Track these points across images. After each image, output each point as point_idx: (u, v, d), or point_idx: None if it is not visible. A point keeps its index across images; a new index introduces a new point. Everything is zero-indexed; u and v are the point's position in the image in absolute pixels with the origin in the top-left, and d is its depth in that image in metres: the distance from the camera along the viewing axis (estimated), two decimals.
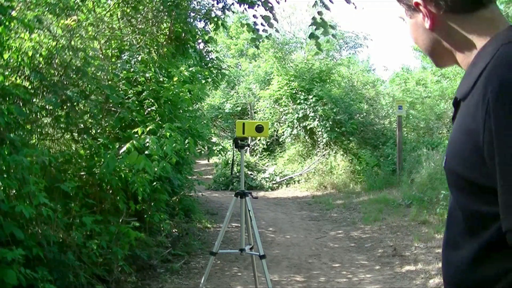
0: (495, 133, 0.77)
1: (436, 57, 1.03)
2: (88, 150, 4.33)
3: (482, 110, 0.80)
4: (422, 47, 1.03)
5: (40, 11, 4.07)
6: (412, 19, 1.01)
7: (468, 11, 0.92)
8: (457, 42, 0.95)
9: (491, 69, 0.82)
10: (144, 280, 4.29)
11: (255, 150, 14.07)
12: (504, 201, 0.77)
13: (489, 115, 0.78)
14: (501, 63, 0.81)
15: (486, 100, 0.79)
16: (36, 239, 3.19)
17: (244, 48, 24.01)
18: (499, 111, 0.77)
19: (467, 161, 0.85)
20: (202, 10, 6.82)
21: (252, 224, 3.56)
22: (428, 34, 0.98)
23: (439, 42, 0.98)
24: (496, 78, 0.79)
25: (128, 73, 4.88)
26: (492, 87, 0.79)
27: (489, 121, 0.78)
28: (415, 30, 1.01)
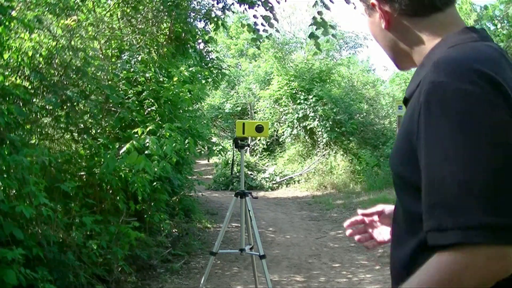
0: (422, 134, 0.79)
1: (396, 57, 1.04)
2: (88, 150, 4.33)
3: (416, 111, 0.82)
4: (381, 45, 1.04)
5: (40, 11, 4.07)
6: (370, 18, 1.02)
7: (422, 15, 0.94)
8: (412, 44, 0.97)
9: (428, 72, 0.83)
10: (144, 280, 4.29)
11: (255, 150, 14.08)
12: (424, 202, 0.78)
13: (420, 117, 0.80)
14: (435, 66, 0.82)
15: (419, 104, 0.81)
16: (36, 239, 3.19)
17: (244, 48, 24.01)
18: (425, 113, 0.79)
19: (405, 161, 0.86)
20: (202, 10, 6.82)
21: (252, 224, 3.56)
22: (385, 33, 1.00)
23: (395, 43, 1.00)
24: (428, 80, 0.81)
25: (128, 73, 4.88)
26: (424, 89, 0.81)
27: (420, 122, 0.80)
28: (374, 28, 1.03)
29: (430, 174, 0.77)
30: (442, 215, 0.75)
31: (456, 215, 0.73)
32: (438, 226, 0.75)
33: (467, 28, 0.93)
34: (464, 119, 0.75)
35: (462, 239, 0.73)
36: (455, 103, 0.76)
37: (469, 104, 0.76)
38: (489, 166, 0.74)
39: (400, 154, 0.89)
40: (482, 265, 0.73)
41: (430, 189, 0.77)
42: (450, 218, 0.74)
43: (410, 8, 0.94)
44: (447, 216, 0.74)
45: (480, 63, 0.80)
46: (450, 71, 0.79)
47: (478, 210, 0.72)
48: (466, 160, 0.74)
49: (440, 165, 0.76)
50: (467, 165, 0.74)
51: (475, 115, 0.75)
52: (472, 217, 0.72)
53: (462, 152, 0.75)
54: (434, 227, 0.76)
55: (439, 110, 0.77)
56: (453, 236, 0.73)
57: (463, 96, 0.76)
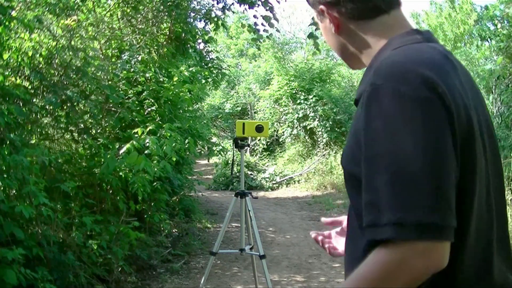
0: (362, 133, 0.83)
1: (347, 59, 1.07)
2: (88, 150, 4.33)
3: (363, 110, 0.84)
4: (333, 49, 1.08)
5: (40, 11, 4.07)
6: (322, 23, 1.06)
7: (368, 18, 0.97)
8: (360, 46, 1.00)
9: (371, 75, 0.87)
10: (144, 280, 4.29)
11: (255, 150, 14.08)
12: (363, 199, 0.81)
13: (362, 115, 0.83)
14: (377, 69, 0.85)
15: (364, 101, 0.84)
16: (36, 239, 3.19)
17: (244, 48, 24.01)
18: (366, 114, 0.82)
19: (355, 159, 0.87)
20: (202, 10, 6.82)
21: (252, 224, 3.56)
22: (335, 37, 1.04)
23: (345, 46, 1.03)
24: (369, 83, 0.84)
25: (128, 73, 4.88)
26: (365, 91, 0.84)
27: (362, 121, 0.83)
28: (326, 33, 1.06)
29: (365, 171, 0.81)
30: (376, 211, 0.78)
31: (387, 212, 0.76)
32: (374, 222, 0.78)
33: (412, 30, 0.96)
34: (395, 120, 0.78)
35: (394, 235, 0.76)
36: (390, 105, 0.79)
37: (403, 106, 0.79)
38: (421, 166, 0.76)
39: (350, 152, 0.91)
40: (413, 259, 0.76)
41: (366, 186, 0.81)
42: (382, 215, 0.77)
43: (355, 12, 0.97)
44: (380, 213, 0.77)
45: (420, 66, 0.82)
46: (388, 74, 0.82)
47: (406, 207, 0.76)
48: (394, 161, 0.77)
49: (372, 164, 0.80)
50: (395, 166, 0.77)
51: (406, 117, 0.78)
52: (402, 215, 0.75)
53: (391, 153, 0.78)
54: (371, 223, 0.79)
55: (375, 111, 0.81)
56: (386, 232, 0.76)
57: (398, 98, 0.79)
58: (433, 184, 0.76)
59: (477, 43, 11.89)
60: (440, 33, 18.61)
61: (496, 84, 8.23)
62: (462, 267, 0.85)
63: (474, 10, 17.23)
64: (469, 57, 11.63)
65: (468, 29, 17.17)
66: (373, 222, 0.78)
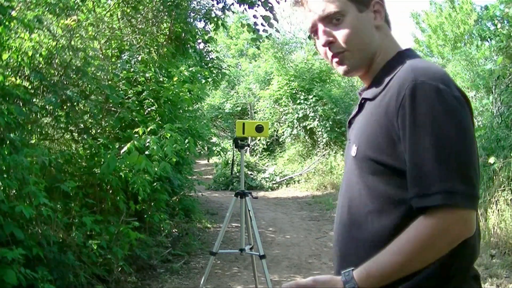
0: (407, 122, 0.96)
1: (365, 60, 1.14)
2: (88, 150, 4.32)
3: (395, 102, 0.99)
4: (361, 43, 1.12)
5: (40, 11, 4.07)
6: (361, 13, 1.11)
7: (388, 26, 1.17)
8: (382, 48, 1.14)
9: (404, 74, 1.01)
10: (144, 280, 4.29)
11: (255, 150, 14.07)
12: (410, 175, 0.96)
13: (403, 108, 0.97)
14: (414, 70, 1.01)
15: (402, 95, 0.98)
16: (36, 239, 3.19)
17: (244, 48, 24.02)
18: (411, 105, 0.96)
19: (382, 148, 1.01)
20: (202, 10, 6.82)
21: (252, 224, 3.56)
22: (373, 32, 1.13)
23: (375, 43, 1.13)
24: (409, 80, 0.98)
25: (128, 73, 4.88)
26: (406, 87, 0.98)
27: (403, 110, 0.97)
28: (363, 24, 1.11)
29: (412, 150, 0.95)
30: (425, 183, 0.93)
31: (436, 182, 0.92)
32: (423, 192, 0.93)
33: (409, 48, 1.16)
34: (439, 109, 0.95)
35: (444, 201, 0.91)
36: (433, 98, 0.96)
37: (443, 100, 0.96)
38: (462, 147, 0.95)
39: (375, 141, 1.03)
40: (454, 226, 0.92)
41: (413, 163, 0.95)
42: (432, 185, 0.92)
43: (386, 15, 1.15)
44: (429, 184, 0.93)
45: (446, 73, 1.02)
46: (429, 74, 0.99)
47: (453, 179, 0.92)
48: (441, 141, 0.94)
49: (420, 143, 0.94)
50: (442, 145, 0.93)
51: (447, 108, 0.96)
52: (450, 184, 0.92)
53: (438, 135, 0.94)
54: (420, 193, 0.94)
55: (421, 102, 0.96)
56: (436, 199, 0.92)
57: (440, 93, 0.96)
58: (471, 162, 0.95)
59: (477, 43, 11.88)
60: (440, 33, 18.61)
61: (496, 84, 8.22)
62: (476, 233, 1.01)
63: (474, 10, 17.23)
64: (469, 57, 11.62)
65: (468, 29, 17.17)
66: (423, 192, 0.93)
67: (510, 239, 4.73)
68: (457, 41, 17.92)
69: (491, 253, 4.69)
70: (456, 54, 13.47)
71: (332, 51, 1.13)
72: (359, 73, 1.17)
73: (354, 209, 1.09)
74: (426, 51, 20.40)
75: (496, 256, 4.67)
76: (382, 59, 1.13)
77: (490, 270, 4.29)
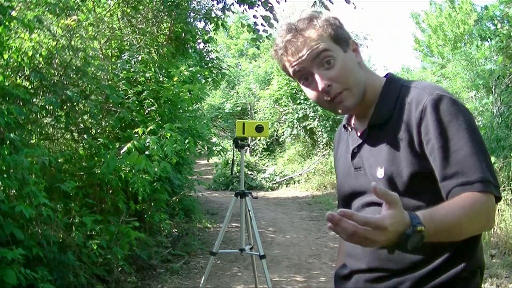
0: (433, 127, 1.07)
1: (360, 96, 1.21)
2: (88, 150, 4.32)
3: (414, 117, 1.10)
4: (353, 81, 1.18)
5: (40, 11, 4.07)
6: (346, 53, 1.20)
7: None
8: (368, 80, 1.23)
9: (415, 94, 1.13)
10: (144, 280, 4.29)
11: (255, 150, 14.07)
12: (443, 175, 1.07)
13: (425, 116, 1.09)
14: (425, 89, 1.13)
15: (420, 110, 1.09)
16: (36, 239, 3.19)
17: (244, 48, 24.02)
18: (435, 114, 1.08)
19: (409, 162, 1.11)
20: (202, 10, 6.82)
21: (252, 224, 3.56)
22: (359, 69, 1.21)
23: (363, 79, 1.21)
24: (426, 96, 1.10)
25: (128, 73, 4.87)
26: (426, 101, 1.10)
27: (426, 121, 1.09)
28: (350, 63, 1.20)
29: (446, 153, 1.06)
30: (465, 176, 1.04)
31: (476, 173, 1.04)
32: (466, 180, 1.04)
33: (389, 74, 1.27)
34: (462, 116, 1.09)
35: (485, 188, 1.03)
36: (454, 106, 1.09)
37: (461, 108, 1.10)
38: (484, 147, 1.08)
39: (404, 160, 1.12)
40: (492, 208, 1.05)
41: (450, 162, 1.06)
42: (471, 176, 1.04)
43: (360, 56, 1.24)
44: (469, 176, 1.04)
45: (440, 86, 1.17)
46: (441, 89, 1.13)
47: (487, 171, 1.05)
48: (474, 143, 1.07)
49: (453, 144, 1.06)
50: (476, 146, 1.06)
51: (468, 114, 1.10)
52: (488, 174, 1.04)
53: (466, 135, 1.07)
54: (462, 182, 1.04)
55: (443, 110, 1.08)
56: (477, 187, 1.03)
57: (457, 103, 1.10)
58: (489, 159, 1.09)
59: (477, 43, 11.88)
60: (440, 33, 18.61)
61: (496, 84, 8.23)
62: None
63: (474, 10, 17.23)
64: (469, 57, 11.62)
65: (468, 29, 17.17)
66: (465, 181, 1.04)
67: (510, 239, 4.73)
68: (457, 41, 17.93)
69: (491, 253, 4.69)
70: (456, 54, 13.48)
71: (332, 93, 1.17)
72: (357, 109, 1.22)
73: None
74: (426, 51, 20.41)
75: (496, 256, 4.67)
76: (372, 90, 1.22)
77: (490, 270, 4.29)
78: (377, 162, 1.16)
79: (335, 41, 1.17)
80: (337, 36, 1.18)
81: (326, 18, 1.19)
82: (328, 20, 1.18)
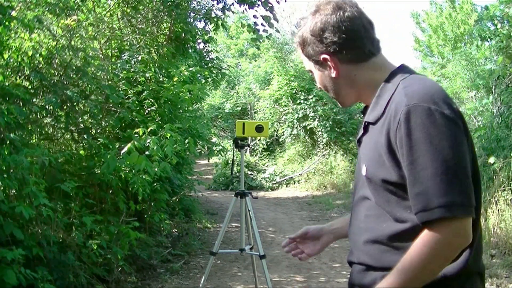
0: (404, 143, 1.06)
1: (341, 99, 1.31)
2: (88, 150, 4.32)
3: (393, 126, 1.08)
4: (330, 91, 1.31)
5: (40, 11, 4.07)
6: (320, 72, 1.28)
7: (363, 61, 1.23)
8: (357, 85, 1.25)
9: (399, 98, 1.11)
10: (144, 280, 4.29)
11: (255, 150, 14.07)
12: (411, 192, 1.06)
13: (399, 131, 1.07)
14: (407, 94, 1.10)
15: (398, 119, 1.07)
16: (36, 239, 3.19)
17: (244, 48, 24.02)
18: (406, 126, 1.06)
19: (386, 167, 1.11)
20: (202, 10, 6.82)
21: (252, 224, 3.56)
22: (334, 82, 1.27)
23: (342, 87, 1.27)
24: (403, 105, 1.08)
25: (128, 73, 4.87)
26: (401, 111, 1.07)
27: (400, 133, 1.06)
28: (323, 79, 1.29)
29: (411, 171, 1.05)
30: (426, 199, 1.02)
31: (436, 197, 1.01)
32: (425, 207, 1.03)
33: (401, 65, 1.24)
34: (432, 130, 1.04)
35: (445, 214, 1.00)
36: (426, 119, 1.05)
37: (435, 120, 1.04)
38: (455, 161, 1.03)
39: (381, 163, 1.13)
40: (454, 238, 1.02)
41: (413, 182, 1.05)
42: (432, 201, 1.01)
43: (355, 57, 1.22)
44: (430, 200, 1.02)
45: (438, 92, 1.10)
46: (421, 96, 1.08)
47: (450, 193, 1.01)
48: (436, 160, 1.03)
49: (417, 164, 1.04)
50: (437, 163, 1.02)
51: (440, 128, 1.04)
52: (449, 198, 1.01)
53: (432, 154, 1.03)
54: (422, 209, 1.03)
55: (414, 124, 1.05)
56: (437, 213, 1.01)
57: (431, 114, 1.05)
58: (465, 174, 1.04)
59: (477, 43, 11.88)
60: (440, 33, 18.61)
61: (496, 84, 8.22)
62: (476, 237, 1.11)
63: (474, 10, 17.23)
64: (469, 57, 11.62)
65: (468, 29, 17.17)
66: (424, 208, 1.02)
67: (510, 239, 4.73)
68: (457, 41, 17.93)
69: (491, 253, 4.69)
70: (456, 54, 13.47)
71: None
72: (351, 105, 1.33)
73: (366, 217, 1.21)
74: (426, 51, 20.40)
75: (496, 256, 4.67)
76: (372, 87, 1.23)
77: (490, 270, 4.29)
78: (365, 159, 1.20)
79: (309, 59, 1.28)
80: (307, 55, 1.27)
81: (300, 35, 1.26)
82: (301, 37, 1.26)
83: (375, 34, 1.26)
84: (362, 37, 1.21)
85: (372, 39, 1.24)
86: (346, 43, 1.20)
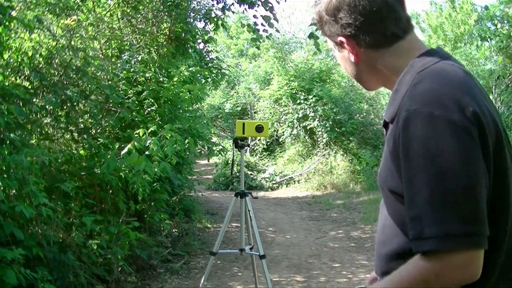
0: (401, 155, 0.91)
1: (364, 83, 1.17)
2: (88, 150, 4.32)
3: (397, 134, 0.92)
4: (351, 75, 1.16)
5: (40, 11, 4.07)
6: (340, 53, 1.13)
7: (387, 46, 1.04)
8: (380, 72, 1.08)
9: (405, 99, 0.94)
10: (144, 280, 4.29)
11: (255, 150, 14.07)
12: (407, 215, 0.90)
13: (400, 138, 0.91)
14: (411, 96, 0.93)
15: (399, 126, 0.92)
16: (36, 239, 3.19)
17: (244, 48, 24.02)
18: (403, 135, 0.90)
19: (394, 176, 0.95)
20: (202, 10, 6.82)
21: (252, 224, 3.56)
22: (354, 66, 1.11)
23: (363, 72, 1.12)
24: (405, 108, 0.92)
25: (128, 73, 4.88)
26: (401, 116, 0.92)
27: (400, 143, 0.91)
28: (344, 62, 1.14)
29: (407, 190, 0.89)
30: (420, 226, 0.86)
31: (430, 226, 0.85)
32: (418, 235, 0.87)
33: (428, 51, 1.03)
34: (432, 142, 0.86)
35: (437, 247, 0.84)
36: (426, 128, 0.87)
37: (438, 129, 0.86)
38: (459, 180, 0.85)
39: (391, 170, 0.97)
40: (450, 271, 0.85)
41: (409, 203, 0.89)
42: (425, 229, 0.85)
43: (375, 42, 1.04)
44: (423, 227, 0.86)
45: (452, 89, 0.91)
46: (425, 99, 0.90)
47: (446, 222, 0.84)
48: (433, 180, 0.85)
49: (413, 183, 0.88)
50: (434, 184, 0.85)
51: (442, 140, 0.86)
52: (443, 228, 0.84)
53: (429, 173, 0.86)
54: (416, 236, 0.87)
55: (412, 135, 0.88)
56: (430, 244, 0.85)
57: (434, 122, 0.87)
58: (472, 194, 0.85)
59: (477, 43, 11.89)
60: (440, 33, 18.61)
61: (496, 84, 8.23)
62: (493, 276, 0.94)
63: (474, 10, 17.23)
64: (469, 57, 11.63)
65: (468, 29, 17.17)
66: (418, 236, 0.87)
67: None
68: (457, 41, 17.92)
69: None
70: (456, 54, 13.47)
71: None
72: (376, 88, 1.20)
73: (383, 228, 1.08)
74: None
75: None
76: (388, 79, 1.08)
77: None
78: (382, 159, 1.05)
79: (329, 38, 1.13)
80: (326, 34, 1.12)
81: (317, 12, 1.10)
82: (318, 14, 1.11)
83: (403, 11, 1.03)
84: (384, 18, 1.01)
85: (398, 19, 1.02)
86: (363, 26, 1.02)
